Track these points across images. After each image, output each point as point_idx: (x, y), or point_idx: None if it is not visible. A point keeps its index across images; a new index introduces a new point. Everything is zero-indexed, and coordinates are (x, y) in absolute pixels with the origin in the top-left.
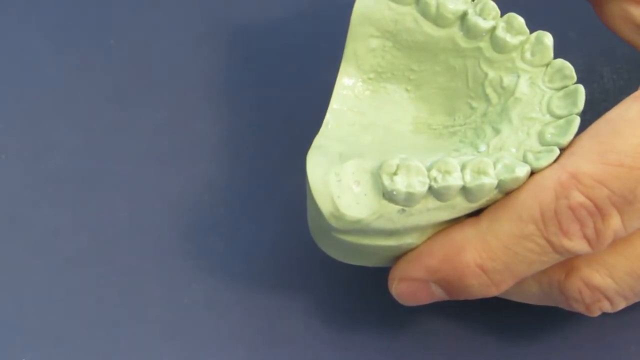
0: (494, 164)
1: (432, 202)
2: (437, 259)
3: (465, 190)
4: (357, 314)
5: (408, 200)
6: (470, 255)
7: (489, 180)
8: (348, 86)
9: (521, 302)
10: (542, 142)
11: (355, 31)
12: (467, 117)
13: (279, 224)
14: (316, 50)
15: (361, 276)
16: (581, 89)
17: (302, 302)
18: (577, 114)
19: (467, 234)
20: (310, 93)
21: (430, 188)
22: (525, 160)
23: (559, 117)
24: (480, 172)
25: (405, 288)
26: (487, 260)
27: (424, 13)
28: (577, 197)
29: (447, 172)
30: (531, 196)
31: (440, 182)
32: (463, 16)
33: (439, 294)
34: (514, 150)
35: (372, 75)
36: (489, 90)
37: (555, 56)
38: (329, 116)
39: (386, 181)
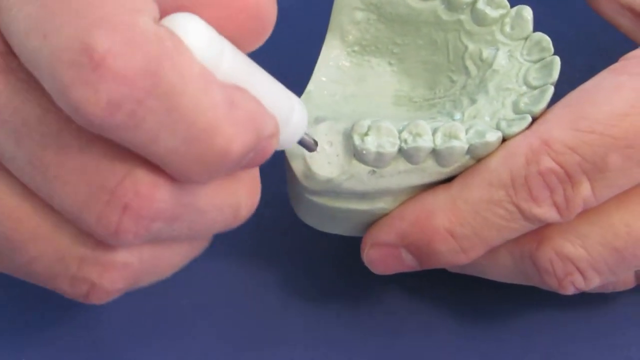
0: (467, 130)
1: (402, 165)
2: (407, 222)
3: (435, 154)
4: (357, 314)
5: (378, 160)
6: (440, 220)
7: (459, 144)
8: (332, 58)
9: (497, 279)
10: (516, 111)
11: (340, 3)
12: (447, 90)
13: (279, 224)
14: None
15: (361, 276)
16: (557, 60)
17: (303, 302)
18: (551, 84)
19: (438, 199)
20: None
21: (400, 149)
22: (498, 128)
23: (535, 88)
24: (451, 135)
25: (376, 254)
26: (457, 225)
27: None
28: (547, 163)
29: (418, 134)
30: (502, 162)
31: (410, 143)
32: None
33: (409, 261)
34: (487, 118)
35: (356, 48)
36: (468, 63)
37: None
38: (311, 85)
39: (357, 141)
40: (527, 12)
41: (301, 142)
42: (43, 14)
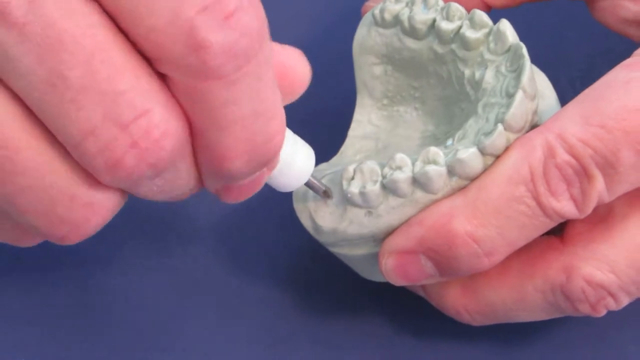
0: (450, 153)
1: (393, 200)
2: (426, 227)
3: (416, 182)
4: (357, 314)
5: (366, 200)
6: (460, 223)
7: (433, 168)
8: (365, 115)
9: (526, 320)
10: (496, 122)
11: (358, 62)
12: (460, 120)
13: (279, 223)
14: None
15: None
16: (525, 63)
17: (302, 302)
18: (520, 89)
19: (456, 203)
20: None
21: (382, 185)
22: (477, 143)
23: (512, 96)
24: (429, 161)
25: (395, 262)
26: (478, 227)
27: (403, 30)
28: (563, 156)
29: (398, 168)
30: (521, 157)
31: (388, 177)
32: (433, 24)
33: (429, 270)
34: (472, 137)
35: (385, 102)
36: (468, 88)
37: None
38: (345, 145)
39: (345, 186)
40: (504, 25)
41: (314, 189)
42: None
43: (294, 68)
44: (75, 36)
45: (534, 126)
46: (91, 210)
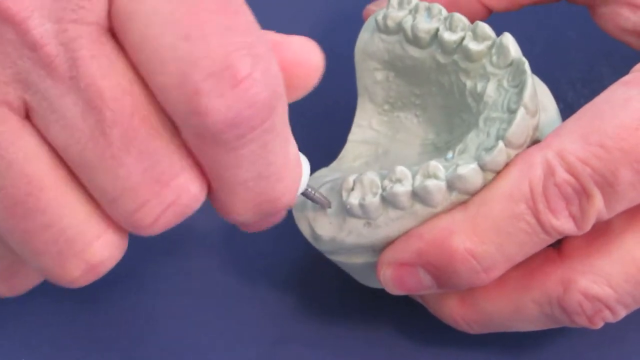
0: (451, 168)
1: (392, 212)
2: (425, 241)
3: (416, 195)
4: (356, 318)
5: (365, 212)
6: (459, 239)
7: (433, 182)
8: (365, 120)
9: (522, 330)
10: (497, 138)
11: (360, 67)
12: (461, 130)
13: (278, 227)
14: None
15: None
16: (527, 79)
17: (302, 302)
18: (522, 105)
19: (456, 218)
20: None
21: (383, 198)
22: (478, 158)
23: (513, 112)
24: (429, 175)
25: (393, 273)
26: (478, 244)
27: (406, 38)
28: (563, 175)
29: (398, 180)
30: (521, 174)
31: (388, 190)
32: (436, 33)
33: (427, 282)
34: (473, 151)
35: (386, 107)
36: (469, 100)
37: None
38: (345, 150)
39: (344, 197)
40: (507, 39)
41: (311, 199)
42: (188, 17)
43: (307, 59)
44: (116, 95)
45: (535, 141)
46: (107, 251)
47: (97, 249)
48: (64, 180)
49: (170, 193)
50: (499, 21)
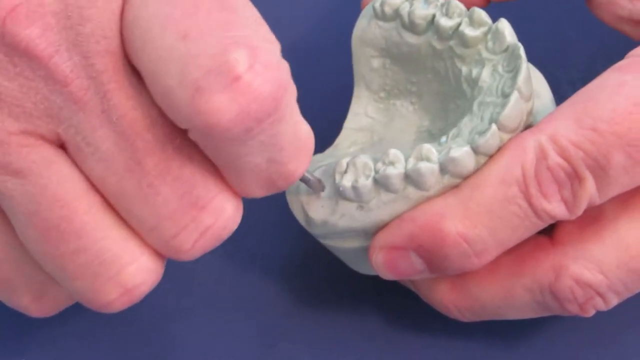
0: (444, 151)
1: (385, 195)
2: (417, 225)
3: (408, 178)
4: (354, 311)
5: (357, 194)
6: (452, 223)
7: (426, 165)
8: (361, 107)
9: (514, 318)
10: (490, 121)
11: (357, 54)
12: (456, 117)
13: (279, 224)
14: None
15: (361, 276)
16: (522, 64)
17: (298, 299)
18: (516, 89)
19: (448, 202)
20: (321, 97)
21: (375, 180)
22: (471, 141)
23: (507, 96)
24: (422, 158)
25: (385, 257)
26: (470, 228)
27: (403, 24)
28: (555, 158)
29: (391, 163)
30: (513, 158)
31: (381, 172)
32: (433, 20)
33: (419, 266)
34: (466, 135)
35: (382, 94)
36: (465, 86)
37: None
38: (340, 137)
39: (337, 179)
40: (502, 24)
41: (306, 182)
42: (185, 17)
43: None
44: (147, 125)
45: (528, 126)
46: (142, 275)
47: (133, 273)
48: (98, 205)
49: (208, 216)
50: (498, 13)
